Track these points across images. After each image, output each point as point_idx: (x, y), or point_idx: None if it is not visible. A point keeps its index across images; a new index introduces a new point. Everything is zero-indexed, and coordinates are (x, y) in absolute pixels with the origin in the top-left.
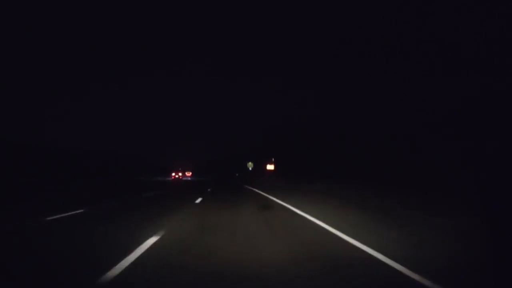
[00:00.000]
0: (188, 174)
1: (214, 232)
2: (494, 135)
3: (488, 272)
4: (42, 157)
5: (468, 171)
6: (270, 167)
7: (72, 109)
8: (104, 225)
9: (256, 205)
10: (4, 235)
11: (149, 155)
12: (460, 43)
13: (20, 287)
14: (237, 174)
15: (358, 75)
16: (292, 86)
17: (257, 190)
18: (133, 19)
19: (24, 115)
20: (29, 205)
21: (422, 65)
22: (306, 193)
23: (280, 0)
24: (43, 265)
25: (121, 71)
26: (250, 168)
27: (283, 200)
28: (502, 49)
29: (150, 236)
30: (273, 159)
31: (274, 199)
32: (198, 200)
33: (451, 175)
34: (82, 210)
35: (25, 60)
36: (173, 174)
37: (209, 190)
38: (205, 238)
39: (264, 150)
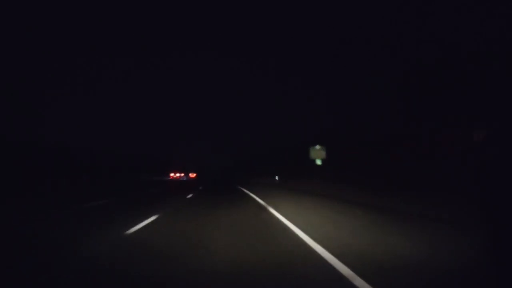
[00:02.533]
0: (192, 175)
1: None
2: (494, 136)
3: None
4: (48, 156)
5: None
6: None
7: (81, 108)
8: None
9: None
10: None
11: (175, 155)
12: (460, 43)
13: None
14: (277, 177)
15: (358, 75)
16: (293, 86)
17: None
18: (134, 17)
19: (29, 115)
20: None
21: (422, 65)
22: None
23: (280, 0)
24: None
25: (134, 70)
26: (320, 162)
27: None
28: (502, 49)
29: None
30: None
31: None
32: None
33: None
34: None
35: (25, 59)
36: (171, 174)
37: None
38: None
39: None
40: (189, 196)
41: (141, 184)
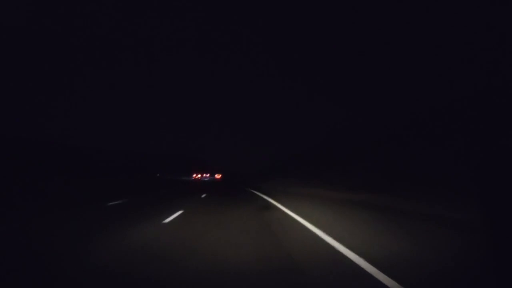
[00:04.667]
0: (218, 176)
1: None
2: (494, 135)
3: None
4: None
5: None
6: None
7: (116, 111)
8: None
9: None
10: None
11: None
12: (460, 43)
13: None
14: None
15: (358, 75)
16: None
17: None
18: (151, 16)
19: (54, 115)
20: None
21: (422, 65)
22: None
23: (280, 2)
24: None
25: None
26: None
27: None
28: (502, 49)
29: None
30: None
31: None
32: None
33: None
34: None
35: (32, 59)
36: (194, 175)
37: None
38: None
39: None
40: (169, 218)
41: (141, 186)
